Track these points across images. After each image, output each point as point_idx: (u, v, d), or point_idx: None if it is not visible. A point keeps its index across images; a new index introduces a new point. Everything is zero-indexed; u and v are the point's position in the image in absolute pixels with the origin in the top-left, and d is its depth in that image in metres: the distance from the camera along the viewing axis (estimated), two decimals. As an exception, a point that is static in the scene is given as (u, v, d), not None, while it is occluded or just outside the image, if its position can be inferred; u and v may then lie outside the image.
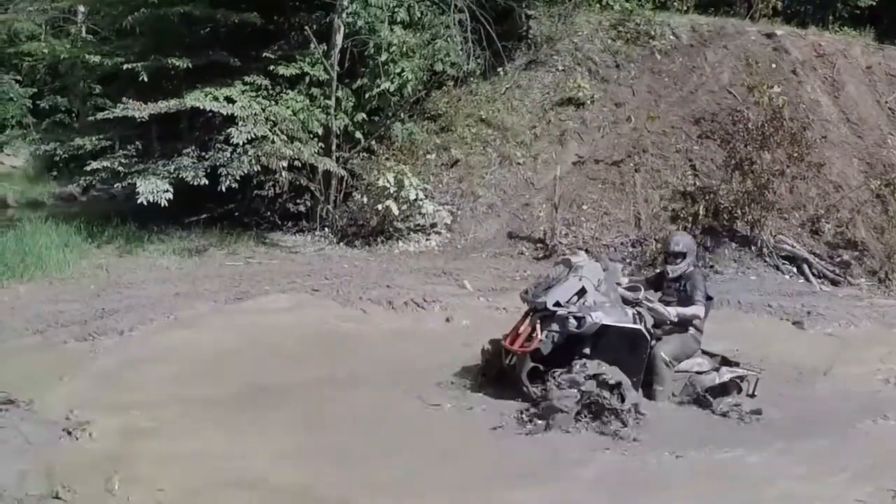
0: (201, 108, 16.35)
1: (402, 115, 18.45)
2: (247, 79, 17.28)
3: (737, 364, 9.87)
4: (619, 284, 9.50)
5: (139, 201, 16.05)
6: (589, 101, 19.62)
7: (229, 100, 16.49)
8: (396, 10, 18.01)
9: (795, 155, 16.59)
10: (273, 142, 16.13)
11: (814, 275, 15.80)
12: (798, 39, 20.42)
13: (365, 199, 16.92)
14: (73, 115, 35.22)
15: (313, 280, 13.90)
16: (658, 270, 11.46)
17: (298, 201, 17.85)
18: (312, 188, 17.54)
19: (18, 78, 40.02)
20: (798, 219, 16.95)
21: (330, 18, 18.00)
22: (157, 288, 13.62)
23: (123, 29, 22.00)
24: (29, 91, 39.48)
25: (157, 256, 16.13)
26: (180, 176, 16.26)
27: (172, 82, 18.45)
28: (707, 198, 16.83)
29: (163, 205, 15.92)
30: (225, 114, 16.32)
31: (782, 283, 15.53)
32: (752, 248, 16.32)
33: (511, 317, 11.34)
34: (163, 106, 16.53)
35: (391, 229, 17.07)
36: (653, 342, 9.22)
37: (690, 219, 16.56)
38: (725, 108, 18.57)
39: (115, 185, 18.58)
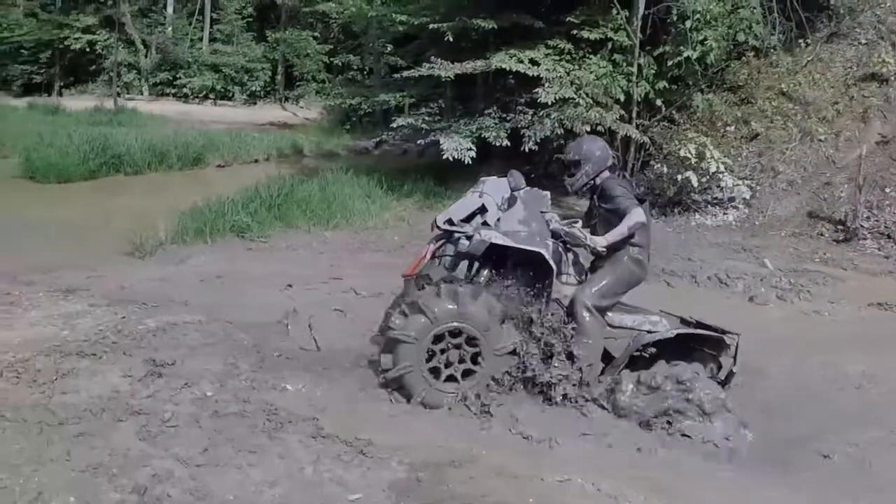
0: (506, 69, 16.54)
1: (702, 85, 18.03)
2: (550, 42, 17.37)
3: (720, 332, 7.30)
4: (547, 218, 7.27)
5: (444, 157, 16.47)
6: (893, 78, 18.59)
7: (533, 62, 16.63)
8: (699, -24, 17.53)
9: None
10: (577, 105, 16.17)
11: None
12: None
13: (664, 169, 16.70)
14: (365, 72, 36.49)
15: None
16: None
17: (595, 167, 17.69)
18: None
19: (315, 35, 41.91)
20: None
21: (632, -16, 17.77)
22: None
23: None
24: (325, 48, 41.31)
25: (456, 212, 16.39)
26: (482, 136, 16.56)
27: (472, 43, 18.74)
28: None
29: (467, 162, 16.30)
30: (530, 75, 16.39)
31: None
32: None
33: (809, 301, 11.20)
34: (469, 66, 16.87)
35: (689, 201, 16.76)
36: (571, 278, 7.25)
37: None
38: None
39: (417, 142, 19.06)
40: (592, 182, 7.27)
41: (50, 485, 4.66)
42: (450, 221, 7.22)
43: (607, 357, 7.25)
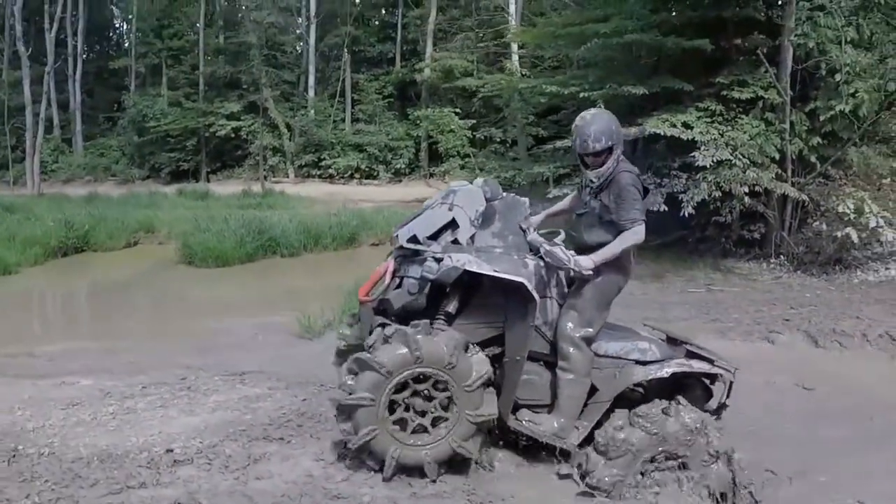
0: (661, 134, 16.66)
1: (856, 138, 17.75)
2: (700, 104, 17.49)
3: (709, 361, 6.62)
4: (525, 229, 6.52)
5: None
6: None
7: (686, 125, 16.77)
8: (845, 29, 17.27)
9: None
10: (733, 166, 16.20)
11: None
12: None
13: (823, 226, 16.50)
14: (507, 144, 36.99)
15: (779, 309, 13.64)
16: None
17: (752, 228, 17.71)
18: (767, 214, 17.37)
19: (457, 110, 42.74)
20: None
21: (779, 41, 17.72)
22: (623, 313, 13.93)
23: (565, 61, 22.96)
24: (467, 123, 42.04)
25: (615, 280, 16.43)
26: (640, 203, 16.63)
27: (622, 110, 18.94)
28: None
29: (623, 228, 16.34)
30: (684, 139, 16.49)
31: None
32: None
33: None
34: (623, 133, 17.01)
35: (849, 258, 16.57)
36: (554, 302, 6.54)
37: None
38: None
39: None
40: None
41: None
42: (414, 238, 6.35)
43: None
